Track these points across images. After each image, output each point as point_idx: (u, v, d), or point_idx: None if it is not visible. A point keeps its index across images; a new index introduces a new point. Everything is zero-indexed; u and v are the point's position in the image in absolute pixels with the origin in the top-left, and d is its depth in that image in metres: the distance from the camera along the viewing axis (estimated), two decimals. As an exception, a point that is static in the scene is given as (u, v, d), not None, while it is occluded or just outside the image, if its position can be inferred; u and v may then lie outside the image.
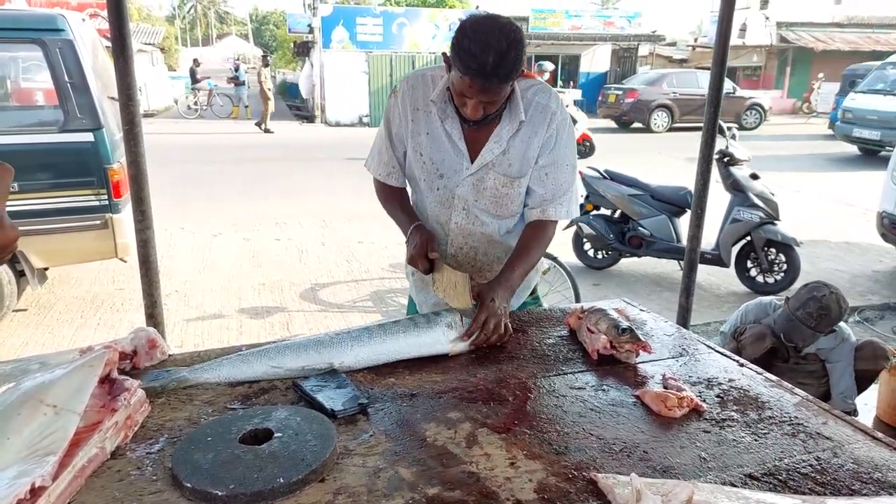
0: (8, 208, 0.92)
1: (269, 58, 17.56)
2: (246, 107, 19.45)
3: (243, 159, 11.68)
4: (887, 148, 12.01)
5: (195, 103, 19.87)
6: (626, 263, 5.86)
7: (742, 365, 1.50)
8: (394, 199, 1.83)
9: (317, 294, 5.01)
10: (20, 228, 0.94)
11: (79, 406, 1.04)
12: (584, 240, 5.66)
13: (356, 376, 1.37)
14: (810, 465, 1.09)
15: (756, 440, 1.17)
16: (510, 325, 1.58)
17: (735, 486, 1.02)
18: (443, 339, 1.49)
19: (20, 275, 4.17)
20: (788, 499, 0.95)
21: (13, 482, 0.88)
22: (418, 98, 1.70)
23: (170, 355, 1.45)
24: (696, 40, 28.49)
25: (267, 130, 16.37)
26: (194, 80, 20.41)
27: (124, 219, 4.17)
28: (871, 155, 13.16)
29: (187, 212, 7.41)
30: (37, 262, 4.11)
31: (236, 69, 19.81)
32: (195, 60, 21.56)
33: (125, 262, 4.55)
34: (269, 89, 16.54)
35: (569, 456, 1.10)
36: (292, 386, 1.32)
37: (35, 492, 0.88)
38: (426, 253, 1.63)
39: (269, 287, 5.11)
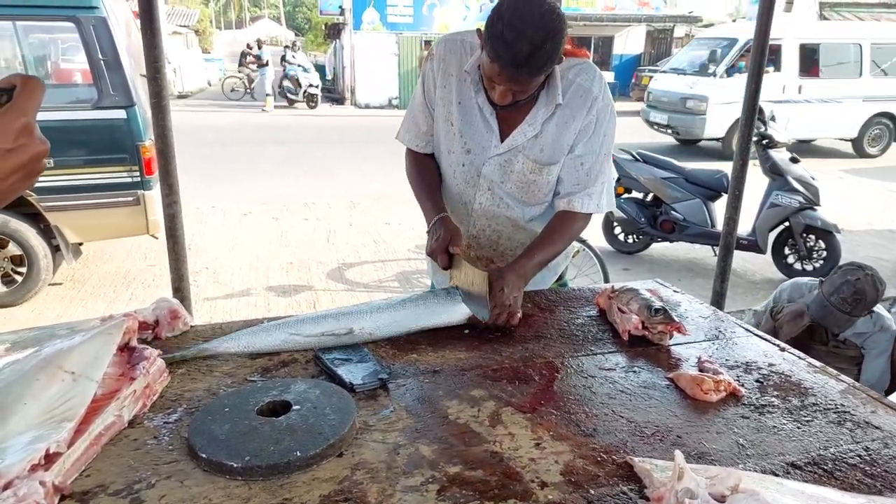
0: (45, 183, 0.90)
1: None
2: (267, 95, 16.98)
3: (272, 141, 11.75)
4: (678, 132, 10.56)
5: (243, 86, 18.27)
6: (658, 248, 5.72)
7: (783, 349, 1.43)
8: (424, 176, 1.72)
9: (343, 274, 5.02)
10: (58, 203, 0.92)
11: (96, 373, 1.03)
12: (615, 223, 5.55)
13: (378, 351, 1.34)
14: (858, 456, 1.02)
15: (799, 428, 1.10)
16: (520, 314, 1.46)
17: (777, 475, 0.96)
18: (463, 308, 1.45)
19: (56, 249, 4.26)
20: (847, 496, 0.88)
21: (28, 447, 0.87)
22: (453, 64, 1.62)
23: (191, 326, 1.43)
24: (733, 21, 27.54)
25: None
26: (241, 63, 18.51)
27: (156, 196, 4.20)
28: (689, 144, 11.39)
29: (218, 191, 7.49)
30: (71, 237, 4.20)
31: (259, 46, 17.59)
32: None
33: (156, 238, 4.61)
34: None
35: (597, 438, 1.05)
36: (313, 359, 1.29)
37: (50, 457, 0.87)
38: (447, 248, 1.54)
39: (296, 266, 5.14)
